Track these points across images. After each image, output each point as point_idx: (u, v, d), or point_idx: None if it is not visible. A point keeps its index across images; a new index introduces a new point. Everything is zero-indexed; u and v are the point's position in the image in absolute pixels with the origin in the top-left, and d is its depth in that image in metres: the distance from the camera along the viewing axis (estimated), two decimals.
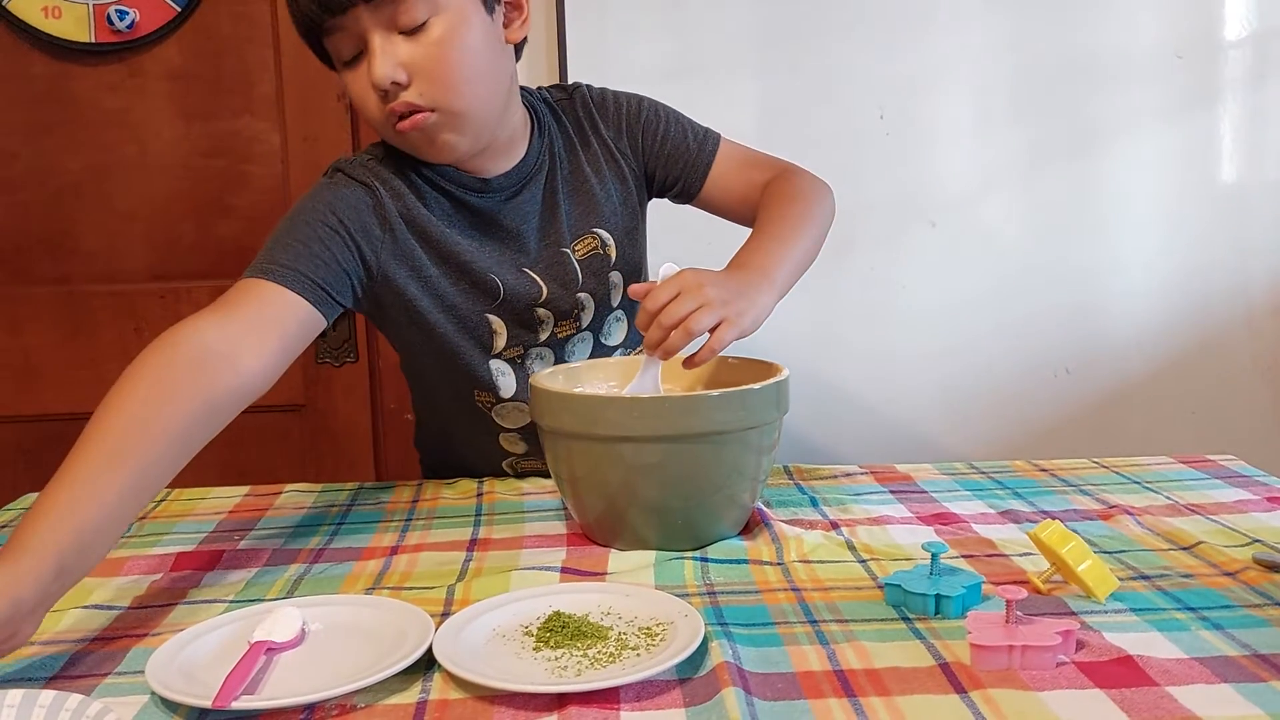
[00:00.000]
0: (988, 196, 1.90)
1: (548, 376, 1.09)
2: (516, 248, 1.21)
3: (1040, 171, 1.90)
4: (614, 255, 1.26)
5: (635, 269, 1.30)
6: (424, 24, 1.06)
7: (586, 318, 1.25)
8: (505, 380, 1.24)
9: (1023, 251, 1.92)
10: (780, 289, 1.09)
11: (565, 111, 1.27)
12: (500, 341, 1.22)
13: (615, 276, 1.27)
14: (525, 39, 1.19)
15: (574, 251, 1.24)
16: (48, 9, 1.79)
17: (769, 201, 1.21)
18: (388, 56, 1.05)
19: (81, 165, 1.86)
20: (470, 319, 1.21)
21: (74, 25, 1.80)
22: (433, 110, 1.08)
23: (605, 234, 1.26)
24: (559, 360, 1.25)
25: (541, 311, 1.23)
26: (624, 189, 1.28)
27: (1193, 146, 1.90)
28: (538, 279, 1.22)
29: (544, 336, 1.24)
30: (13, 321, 1.88)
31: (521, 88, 1.24)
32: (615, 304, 1.28)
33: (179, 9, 1.81)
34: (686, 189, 1.29)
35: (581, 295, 1.24)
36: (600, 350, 1.28)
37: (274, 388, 1.97)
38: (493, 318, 1.21)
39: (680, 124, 1.29)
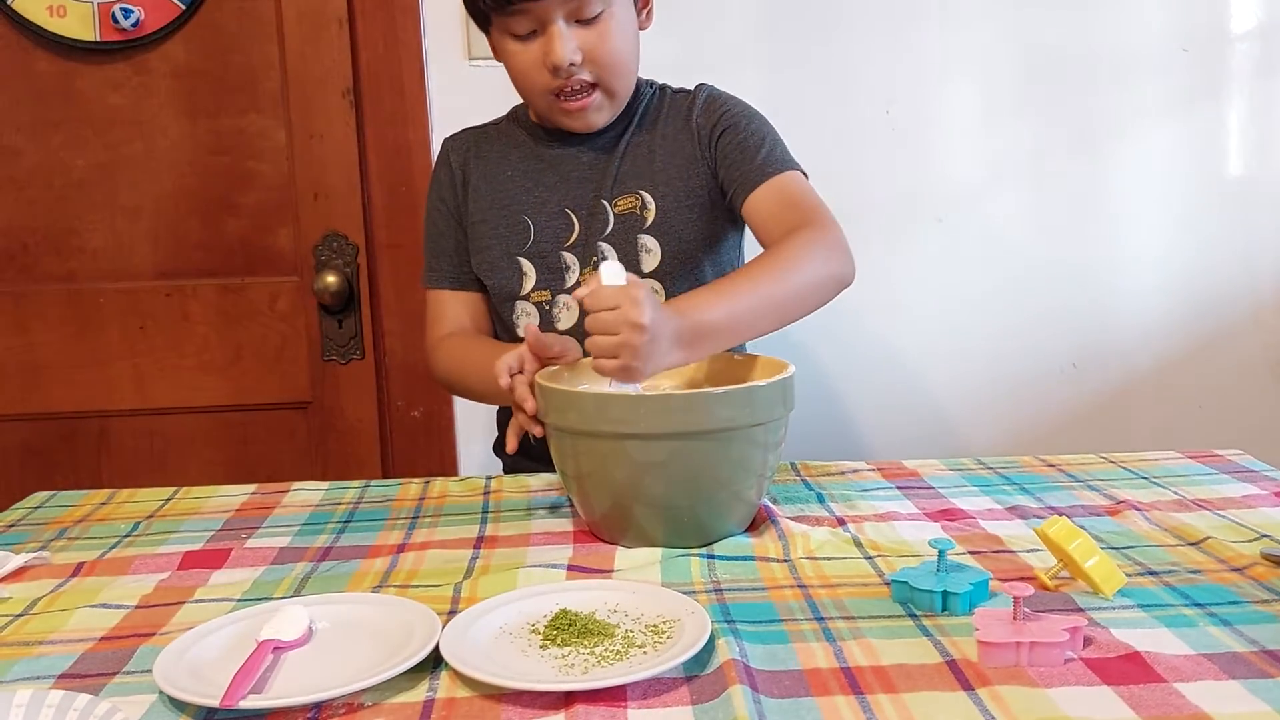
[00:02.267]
0: (994, 192, 1.90)
1: (551, 374, 1.09)
2: (564, 189, 1.33)
3: (1047, 167, 1.89)
4: (650, 219, 1.30)
5: (683, 246, 1.31)
6: (598, 15, 1.22)
7: None
8: (527, 320, 1.33)
9: (1029, 247, 1.91)
10: (694, 354, 1.07)
11: (672, 97, 1.37)
12: (529, 284, 1.33)
13: (649, 240, 1.30)
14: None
15: (614, 205, 1.31)
16: (52, 8, 1.79)
17: (764, 253, 1.19)
18: (568, 41, 1.20)
19: (87, 163, 1.87)
20: (501, 262, 1.34)
21: (79, 24, 1.80)
22: (595, 87, 1.25)
23: (649, 197, 1.30)
24: (585, 313, 1.28)
25: (568, 256, 1.32)
26: (690, 171, 1.31)
27: (1200, 141, 1.89)
28: (574, 219, 1.32)
29: (570, 282, 1.32)
30: (19, 320, 1.88)
31: (645, 80, 1.37)
32: (645, 269, 1.30)
33: (183, 7, 1.81)
34: (732, 200, 1.29)
35: (603, 244, 1.30)
36: None
37: (280, 385, 1.99)
38: (522, 260, 1.33)
39: (760, 139, 1.29)
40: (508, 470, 1.47)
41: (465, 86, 1.85)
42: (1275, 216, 1.91)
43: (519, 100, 1.45)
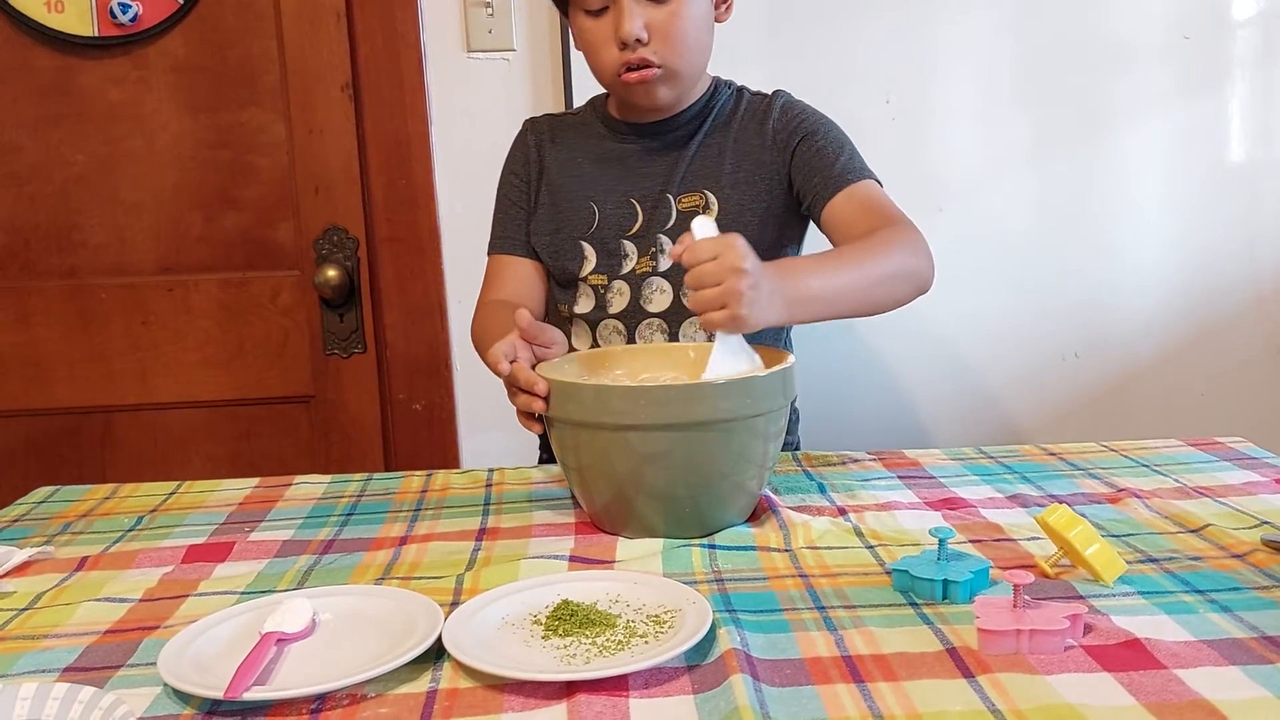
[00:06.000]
0: (995, 182, 1.89)
1: (554, 367, 1.09)
2: (631, 182, 1.35)
3: (1048, 156, 1.89)
4: (713, 218, 1.30)
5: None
6: None
7: (664, 261, 1.32)
8: (585, 301, 1.36)
9: (1030, 236, 1.91)
10: (794, 315, 1.10)
11: (749, 100, 1.38)
12: (588, 267, 1.35)
13: None
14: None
15: (678, 200, 1.33)
16: (50, 3, 1.79)
17: (858, 241, 1.20)
18: (637, 17, 1.23)
19: (87, 158, 1.87)
20: (565, 244, 1.36)
21: (76, 19, 1.80)
22: (660, 67, 1.26)
23: (713, 196, 1.33)
24: (635, 299, 1.34)
25: (628, 244, 1.34)
26: (759, 175, 1.32)
27: (1201, 128, 1.89)
28: (638, 209, 1.34)
29: (625, 269, 1.34)
30: (21, 315, 1.88)
31: (725, 80, 1.40)
32: None
33: (181, 1, 1.81)
34: (811, 207, 1.30)
35: (663, 237, 1.32)
36: (678, 305, 1.32)
37: (282, 379, 1.99)
38: (585, 244, 1.36)
39: (837, 147, 1.31)
40: (544, 459, 1.49)
41: (464, 79, 1.85)
42: (1276, 204, 1.91)
43: (519, 95, 1.47)
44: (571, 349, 1.33)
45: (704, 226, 1.03)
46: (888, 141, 1.87)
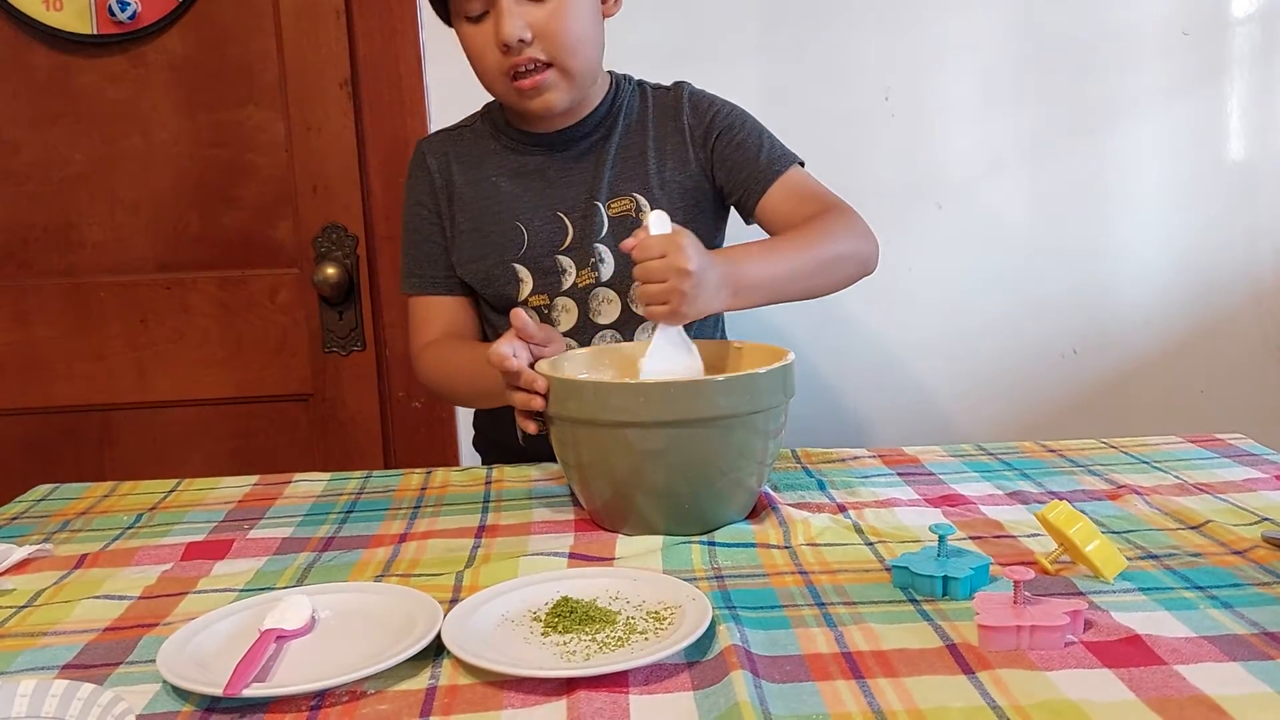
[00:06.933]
0: (994, 178, 1.89)
1: (550, 365, 1.09)
2: (555, 195, 1.32)
3: (1047, 152, 1.89)
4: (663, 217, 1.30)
5: None
6: None
7: (606, 270, 1.30)
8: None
9: (1029, 233, 1.91)
10: (739, 302, 1.12)
11: (655, 95, 1.36)
12: (525, 289, 1.32)
13: None
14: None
15: (607, 207, 1.31)
16: (48, 0, 1.79)
17: (800, 227, 1.22)
18: (516, 17, 1.19)
19: (85, 157, 1.86)
20: (496, 269, 1.32)
21: (75, 17, 1.80)
22: (550, 66, 1.22)
23: (643, 200, 1.31)
24: (584, 313, 1.32)
25: (563, 259, 1.31)
26: (684, 172, 1.32)
27: (1200, 125, 1.89)
28: (567, 222, 1.31)
29: (566, 285, 1.31)
30: (19, 314, 1.88)
31: (622, 74, 1.36)
32: None
33: None
34: (743, 203, 1.31)
35: (600, 246, 1.30)
36: (628, 314, 1.31)
37: (281, 377, 1.99)
38: (518, 266, 1.32)
39: (759, 139, 1.31)
40: (486, 464, 1.46)
41: (463, 77, 1.83)
42: (1275, 200, 1.91)
43: None
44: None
45: (659, 222, 1.06)
46: (886, 138, 1.87)
